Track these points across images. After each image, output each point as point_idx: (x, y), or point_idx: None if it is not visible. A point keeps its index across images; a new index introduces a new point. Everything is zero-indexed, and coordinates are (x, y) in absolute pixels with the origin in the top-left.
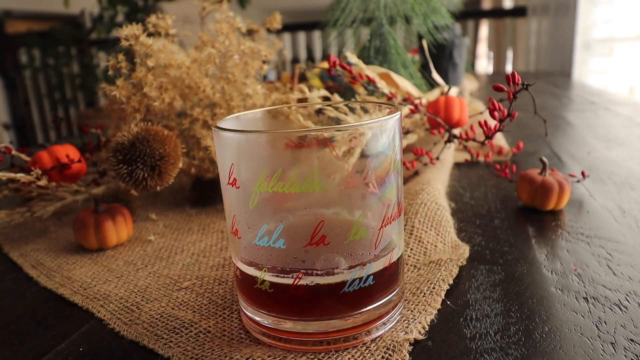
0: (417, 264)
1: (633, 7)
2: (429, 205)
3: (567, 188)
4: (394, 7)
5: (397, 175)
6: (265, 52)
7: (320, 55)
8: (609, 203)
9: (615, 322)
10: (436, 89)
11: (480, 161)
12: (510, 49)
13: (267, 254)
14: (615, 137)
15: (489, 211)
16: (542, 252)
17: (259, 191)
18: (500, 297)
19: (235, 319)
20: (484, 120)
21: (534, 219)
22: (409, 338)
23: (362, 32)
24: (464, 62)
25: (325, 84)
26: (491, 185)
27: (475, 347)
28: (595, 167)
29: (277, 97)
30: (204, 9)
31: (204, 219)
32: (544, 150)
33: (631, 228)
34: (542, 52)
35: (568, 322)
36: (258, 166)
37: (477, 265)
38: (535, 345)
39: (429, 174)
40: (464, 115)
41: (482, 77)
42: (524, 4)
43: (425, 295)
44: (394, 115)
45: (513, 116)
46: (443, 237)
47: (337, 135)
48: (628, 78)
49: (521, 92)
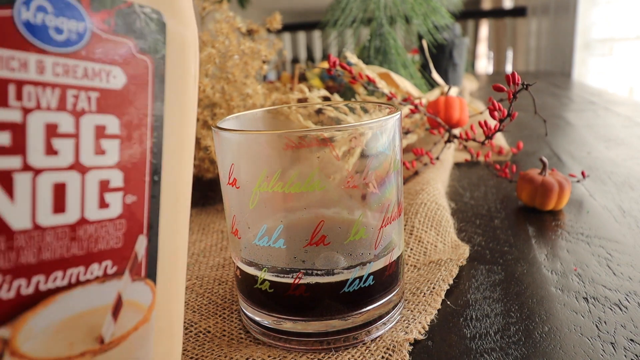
0: (417, 264)
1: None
2: (429, 205)
3: (567, 188)
4: (394, 7)
5: (397, 175)
6: (265, 52)
7: (320, 55)
8: (609, 203)
9: (615, 322)
10: (436, 89)
11: (480, 161)
12: (510, 49)
13: (267, 253)
14: (615, 137)
15: (489, 211)
16: (542, 252)
17: (259, 191)
18: (500, 297)
19: (235, 319)
20: (484, 120)
21: (534, 219)
22: (409, 338)
23: (362, 32)
24: (464, 62)
25: (325, 84)
26: (491, 185)
27: (475, 347)
28: (595, 167)
29: (277, 97)
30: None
31: (204, 219)
32: (544, 150)
33: (631, 228)
34: (542, 52)
35: (568, 322)
36: (258, 166)
37: (477, 265)
38: (535, 345)
39: (429, 174)
40: (464, 115)
41: (482, 77)
42: (524, 4)
43: (425, 295)
44: (394, 115)
45: (513, 116)
46: (443, 237)
47: (337, 135)
48: (628, 78)
49: (521, 92)
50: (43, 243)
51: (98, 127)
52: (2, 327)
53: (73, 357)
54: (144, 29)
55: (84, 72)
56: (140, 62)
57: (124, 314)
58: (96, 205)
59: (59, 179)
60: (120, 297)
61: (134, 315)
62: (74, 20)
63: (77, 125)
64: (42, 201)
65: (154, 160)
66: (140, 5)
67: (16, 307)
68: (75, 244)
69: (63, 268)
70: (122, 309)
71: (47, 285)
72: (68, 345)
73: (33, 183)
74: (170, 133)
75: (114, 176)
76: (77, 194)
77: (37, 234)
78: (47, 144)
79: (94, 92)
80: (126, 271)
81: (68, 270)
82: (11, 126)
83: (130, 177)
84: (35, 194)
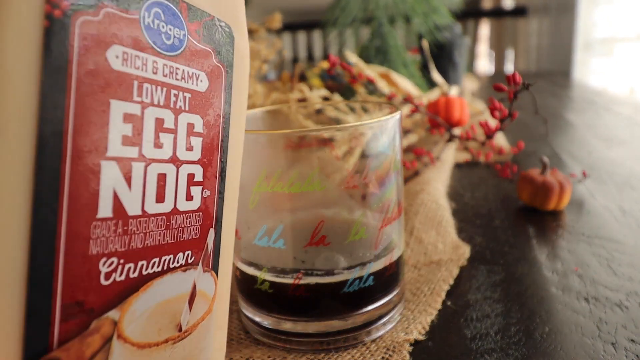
0: (418, 264)
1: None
2: (429, 205)
3: (567, 188)
4: (394, 6)
5: (397, 175)
6: (265, 52)
7: (320, 55)
8: (609, 203)
9: (616, 322)
10: (436, 89)
11: (481, 161)
12: (511, 49)
13: (267, 254)
14: (616, 136)
15: (489, 211)
16: (543, 253)
17: (259, 191)
18: (500, 298)
19: (235, 319)
20: (484, 120)
21: (534, 219)
22: (409, 338)
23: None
24: (464, 62)
25: (325, 84)
26: (492, 185)
27: (475, 348)
28: (596, 167)
29: (277, 96)
30: None
31: None
32: (544, 150)
33: (632, 228)
34: (543, 51)
35: (569, 322)
36: (258, 166)
37: (477, 266)
38: (535, 346)
39: (429, 174)
40: (464, 115)
41: (482, 77)
42: (524, 3)
43: (426, 295)
44: (394, 115)
45: (514, 116)
46: (443, 237)
47: (337, 135)
48: (628, 78)
49: (522, 92)
50: (148, 230)
51: (189, 125)
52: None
53: (160, 343)
54: (221, 40)
55: (182, 75)
56: (217, 70)
57: (196, 304)
58: (184, 197)
59: (162, 170)
60: (195, 286)
61: (203, 306)
62: (177, 28)
63: (176, 122)
64: (150, 190)
65: (222, 159)
66: (219, 19)
67: (125, 290)
68: (169, 233)
69: (159, 255)
70: (195, 298)
71: (147, 270)
72: (157, 331)
73: (145, 172)
74: (232, 137)
75: (197, 171)
76: (173, 186)
77: (144, 220)
78: (156, 137)
79: (188, 93)
80: (200, 262)
81: (163, 257)
82: (133, 118)
83: (206, 173)
84: (145, 183)
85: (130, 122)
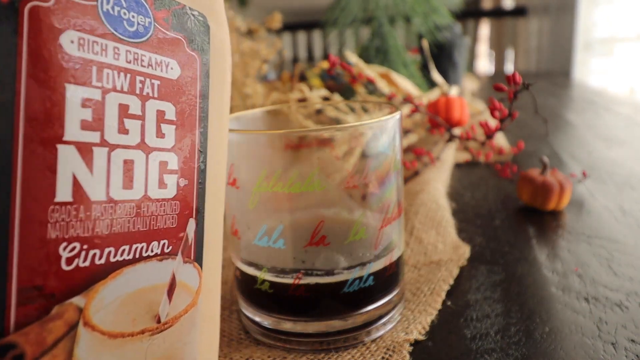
0: (418, 264)
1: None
2: (429, 205)
3: (567, 188)
4: (394, 6)
5: (397, 175)
6: (265, 52)
7: (320, 55)
8: (609, 203)
9: (616, 322)
10: (436, 89)
11: (481, 161)
12: (510, 49)
13: (267, 254)
14: (616, 136)
15: (489, 211)
16: (543, 253)
17: (258, 191)
18: (500, 298)
19: (235, 319)
20: (484, 120)
21: (534, 219)
22: (409, 338)
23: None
24: (464, 62)
25: (325, 84)
26: (492, 185)
27: (475, 348)
28: (596, 167)
29: (277, 97)
30: None
31: None
32: (544, 150)
33: (632, 228)
34: (543, 52)
35: (569, 322)
36: (258, 166)
37: (477, 266)
38: (535, 346)
39: (429, 174)
40: (464, 115)
41: (482, 77)
42: (524, 3)
43: (426, 295)
44: (394, 115)
45: (514, 116)
46: (443, 238)
47: (337, 135)
48: (628, 78)
49: (522, 92)
50: (115, 216)
51: (159, 112)
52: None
53: (135, 333)
54: (194, 28)
55: (149, 62)
56: (191, 58)
57: (177, 295)
58: (157, 185)
59: (128, 157)
60: (174, 276)
61: (185, 298)
62: (141, 15)
63: (143, 108)
64: (115, 176)
65: (200, 149)
66: (190, 8)
67: (90, 276)
68: (140, 220)
69: (129, 242)
70: (175, 289)
71: (116, 257)
72: (131, 321)
73: (108, 157)
74: (212, 127)
75: (171, 159)
76: (142, 172)
77: (110, 206)
78: (120, 123)
79: (156, 80)
80: (179, 252)
81: (133, 245)
82: (93, 103)
83: (183, 162)
84: (109, 168)
85: (89, 106)
